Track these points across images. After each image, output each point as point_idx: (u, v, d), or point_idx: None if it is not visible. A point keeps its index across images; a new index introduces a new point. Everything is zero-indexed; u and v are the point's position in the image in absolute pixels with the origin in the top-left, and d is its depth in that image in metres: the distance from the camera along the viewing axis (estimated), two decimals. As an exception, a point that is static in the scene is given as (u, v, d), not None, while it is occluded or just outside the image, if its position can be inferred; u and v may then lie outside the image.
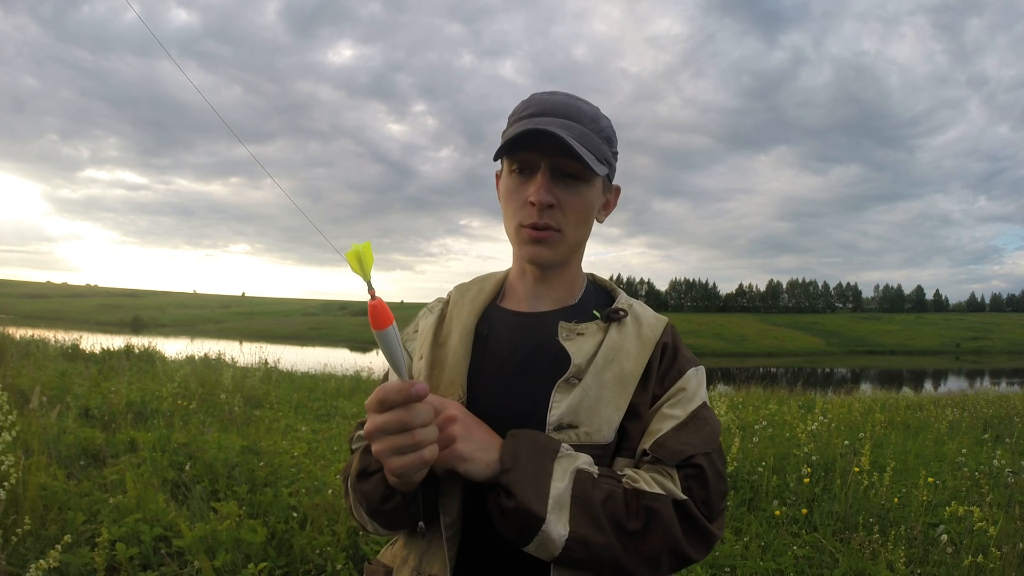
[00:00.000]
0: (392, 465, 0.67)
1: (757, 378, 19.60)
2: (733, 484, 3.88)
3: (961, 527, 3.09)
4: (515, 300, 0.92)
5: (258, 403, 6.69)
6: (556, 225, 0.82)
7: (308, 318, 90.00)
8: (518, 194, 0.84)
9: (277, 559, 2.52)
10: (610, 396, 0.80)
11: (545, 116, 0.82)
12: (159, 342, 13.52)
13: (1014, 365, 45.91)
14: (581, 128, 0.82)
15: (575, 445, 0.78)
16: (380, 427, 0.66)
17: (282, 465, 3.55)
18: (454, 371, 0.84)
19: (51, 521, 2.58)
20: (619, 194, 0.95)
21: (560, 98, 0.84)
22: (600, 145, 0.83)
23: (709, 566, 2.75)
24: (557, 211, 0.82)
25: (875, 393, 13.60)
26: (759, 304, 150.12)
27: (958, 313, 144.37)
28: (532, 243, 0.83)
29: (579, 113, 0.83)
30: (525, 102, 0.86)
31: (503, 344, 0.86)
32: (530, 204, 0.81)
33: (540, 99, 0.84)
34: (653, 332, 0.87)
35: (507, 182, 0.86)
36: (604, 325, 0.86)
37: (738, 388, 12.70)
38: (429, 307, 0.98)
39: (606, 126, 0.86)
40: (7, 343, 8.86)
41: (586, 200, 0.84)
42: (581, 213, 0.84)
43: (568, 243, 0.85)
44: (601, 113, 0.87)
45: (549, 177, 0.81)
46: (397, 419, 0.66)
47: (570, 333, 0.85)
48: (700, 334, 75.48)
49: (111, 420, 4.74)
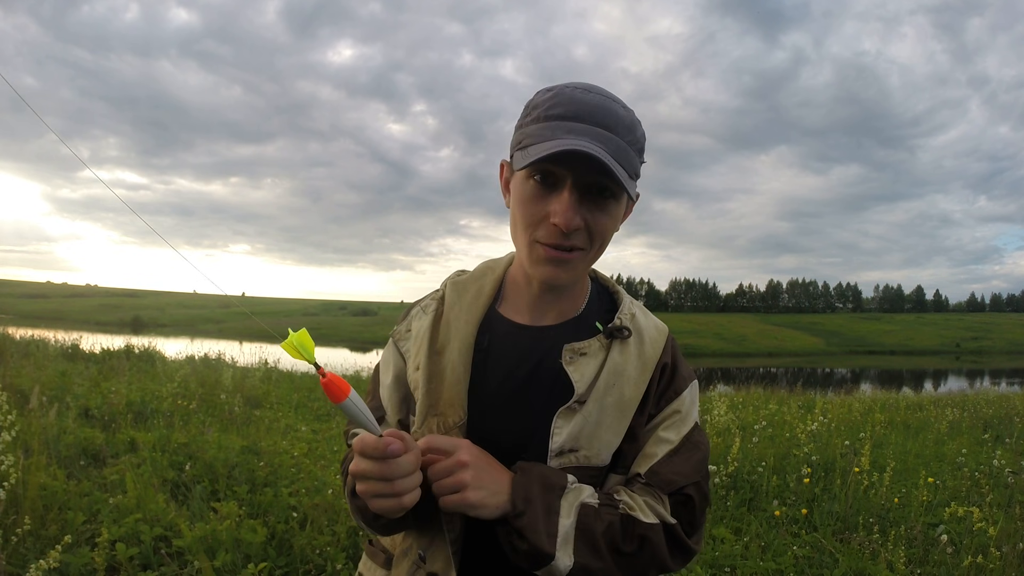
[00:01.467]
0: (373, 506, 0.71)
1: (757, 378, 19.60)
2: (733, 484, 3.88)
3: (961, 527, 3.09)
4: (516, 308, 0.87)
5: (258, 403, 6.69)
6: (580, 246, 0.76)
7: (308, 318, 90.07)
8: (537, 207, 0.75)
9: (277, 559, 2.52)
10: (610, 422, 0.81)
11: (579, 122, 0.72)
12: (159, 342, 13.52)
13: (1014, 365, 45.92)
14: (618, 141, 0.72)
15: (573, 467, 0.80)
16: (361, 473, 0.69)
17: (282, 465, 3.55)
18: (454, 390, 0.81)
19: (51, 521, 2.58)
20: (635, 201, 0.86)
21: (595, 99, 0.73)
22: (634, 159, 0.75)
23: (709, 566, 2.75)
24: (583, 232, 0.75)
25: (875, 393, 13.60)
26: (759, 304, 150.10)
27: (958, 313, 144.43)
28: (549, 263, 0.77)
29: (616, 121, 0.73)
30: (552, 97, 0.74)
31: (503, 361, 0.84)
32: (553, 225, 0.74)
33: (572, 97, 0.73)
34: (654, 350, 0.85)
35: (524, 188, 0.76)
36: (607, 342, 0.83)
37: (738, 388, 12.70)
38: (423, 306, 0.91)
39: (641, 136, 0.77)
40: (7, 343, 8.87)
41: (613, 218, 0.78)
42: (607, 233, 0.78)
43: (588, 263, 0.80)
44: (636, 118, 0.77)
45: (577, 196, 0.73)
46: (376, 471, 0.68)
47: (574, 355, 0.82)
48: (700, 334, 75.49)
49: (111, 420, 4.74)
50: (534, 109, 0.76)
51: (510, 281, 0.90)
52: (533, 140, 0.74)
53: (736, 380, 18.40)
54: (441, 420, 0.80)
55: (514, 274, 0.89)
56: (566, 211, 0.72)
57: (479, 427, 0.81)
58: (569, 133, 0.71)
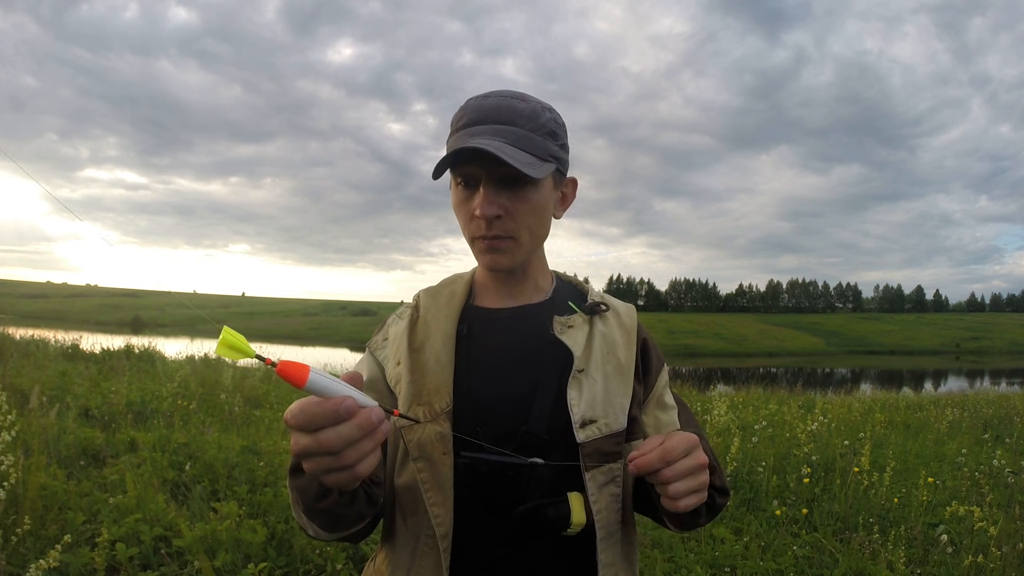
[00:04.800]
0: (327, 482, 0.61)
1: (757, 378, 19.62)
2: (733, 484, 3.88)
3: (961, 527, 3.09)
4: (489, 298, 0.92)
5: (258, 403, 6.69)
6: (507, 233, 0.82)
7: (308, 318, 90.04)
8: (465, 207, 0.83)
9: (277, 559, 2.52)
10: (615, 386, 0.84)
11: (480, 124, 0.80)
12: (159, 342, 13.53)
13: (1014, 365, 45.89)
14: (518, 131, 0.79)
15: (599, 438, 0.80)
16: (304, 451, 0.58)
17: (282, 465, 3.55)
18: (439, 377, 0.82)
19: (51, 521, 2.58)
20: (576, 186, 0.93)
21: (494, 101, 0.82)
22: (542, 143, 0.81)
23: (709, 566, 2.76)
24: (507, 219, 0.81)
25: (875, 393, 13.60)
26: (759, 304, 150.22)
27: (958, 313, 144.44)
28: (487, 252, 0.84)
29: (514, 114, 0.80)
30: (461, 110, 0.84)
31: (487, 341, 0.87)
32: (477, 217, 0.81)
33: (474, 106, 0.82)
34: (631, 321, 0.92)
35: (455, 195, 0.85)
36: (587, 318, 0.88)
37: (738, 388, 12.71)
38: (398, 313, 0.95)
39: (547, 120, 0.83)
40: (7, 343, 8.88)
41: (534, 203, 0.82)
42: (532, 216, 0.83)
43: (524, 247, 0.85)
44: (542, 107, 0.83)
45: (493, 188, 0.80)
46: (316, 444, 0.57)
47: (563, 327, 0.86)
48: (700, 334, 75.51)
49: (111, 420, 4.75)
50: (451, 126, 0.85)
51: (479, 281, 0.95)
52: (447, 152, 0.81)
53: (736, 380, 18.42)
54: (427, 408, 0.80)
55: (480, 275, 0.95)
56: (481, 203, 0.80)
57: (471, 410, 0.81)
58: (472, 137, 0.78)
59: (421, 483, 0.78)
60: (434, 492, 0.78)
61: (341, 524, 0.74)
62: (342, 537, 0.78)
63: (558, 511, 0.76)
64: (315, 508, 0.70)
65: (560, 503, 0.76)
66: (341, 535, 0.77)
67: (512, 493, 0.76)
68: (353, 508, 0.71)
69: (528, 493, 0.76)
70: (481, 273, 0.94)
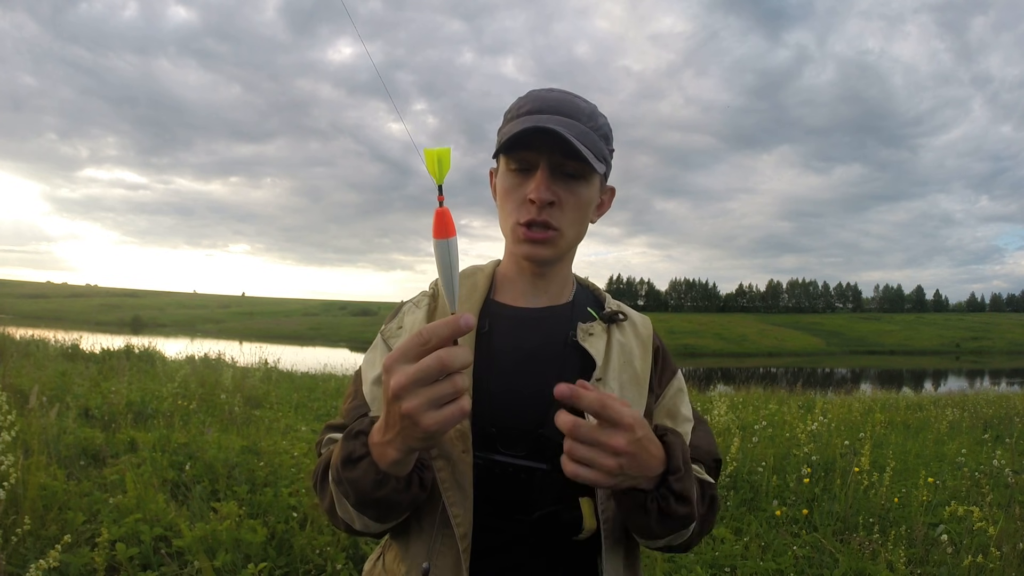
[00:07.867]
0: (428, 423, 0.57)
1: (757, 378, 19.63)
2: (733, 484, 3.88)
3: (961, 527, 3.09)
4: (510, 295, 0.90)
5: (258, 403, 6.69)
6: (555, 223, 0.82)
7: (308, 318, 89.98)
8: (517, 192, 0.82)
9: (277, 559, 2.52)
10: (631, 396, 0.84)
11: (543, 113, 0.81)
12: (159, 342, 13.53)
13: (1014, 365, 45.88)
14: (580, 126, 0.81)
15: None
16: (416, 377, 0.56)
17: (282, 465, 3.55)
18: None
19: (51, 521, 2.58)
20: (613, 196, 0.94)
21: (558, 95, 0.83)
22: (598, 143, 0.82)
23: (709, 566, 2.76)
24: (556, 209, 0.81)
25: (875, 393, 13.61)
26: (759, 304, 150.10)
27: (958, 313, 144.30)
28: (529, 242, 0.83)
29: (577, 110, 0.82)
30: (522, 99, 0.85)
31: (507, 341, 0.85)
32: (529, 202, 0.80)
33: (538, 96, 0.84)
34: (647, 331, 0.92)
35: (505, 180, 0.84)
36: (605, 326, 0.88)
37: (738, 388, 12.72)
38: (414, 302, 0.92)
39: (603, 124, 0.85)
40: (7, 343, 8.88)
41: (584, 199, 0.83)
42: (579, 212, 0.84)
43: (566, 241, 0.85)
44: (598, 110, 0.86)
45: (549, 175, 0.80)
46: (437, 363, 0.55)
47: (584, 334, 0.85)
48: (700, 334, 75.49)
49: (111, 420, 4.74)
50: (509, 112, 0.86)
51: (501, 275, 0.93)
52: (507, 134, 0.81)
53: (736, 380, 18.43)
54: None
55: (504, 269, 0.93)
56: (539, 186, 0.80)
57: (489, 408, 0.80)
58: (537, 123, 0.79)
59: (440, 482, 0.76)
60: (453, 491, 0.76)
61: (395, 512, 0.72)
62: (387, 529, 0.79)
63: (571, 516, 0.76)
64: (370, 498, 0.67)
65: (573, 508, 0.76)
66: (390, 525, 0.76)
67: (524, 496, 0.76)
68: (408, 494, 0.69)
69: (540, 497, 0.76)
70: (506, 266, 0.92)
